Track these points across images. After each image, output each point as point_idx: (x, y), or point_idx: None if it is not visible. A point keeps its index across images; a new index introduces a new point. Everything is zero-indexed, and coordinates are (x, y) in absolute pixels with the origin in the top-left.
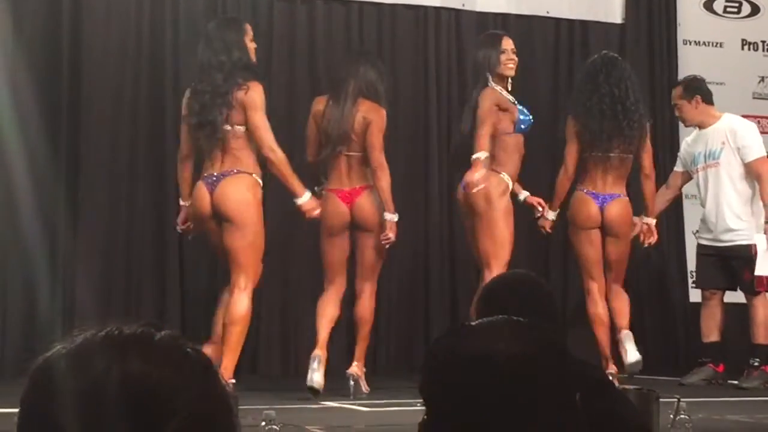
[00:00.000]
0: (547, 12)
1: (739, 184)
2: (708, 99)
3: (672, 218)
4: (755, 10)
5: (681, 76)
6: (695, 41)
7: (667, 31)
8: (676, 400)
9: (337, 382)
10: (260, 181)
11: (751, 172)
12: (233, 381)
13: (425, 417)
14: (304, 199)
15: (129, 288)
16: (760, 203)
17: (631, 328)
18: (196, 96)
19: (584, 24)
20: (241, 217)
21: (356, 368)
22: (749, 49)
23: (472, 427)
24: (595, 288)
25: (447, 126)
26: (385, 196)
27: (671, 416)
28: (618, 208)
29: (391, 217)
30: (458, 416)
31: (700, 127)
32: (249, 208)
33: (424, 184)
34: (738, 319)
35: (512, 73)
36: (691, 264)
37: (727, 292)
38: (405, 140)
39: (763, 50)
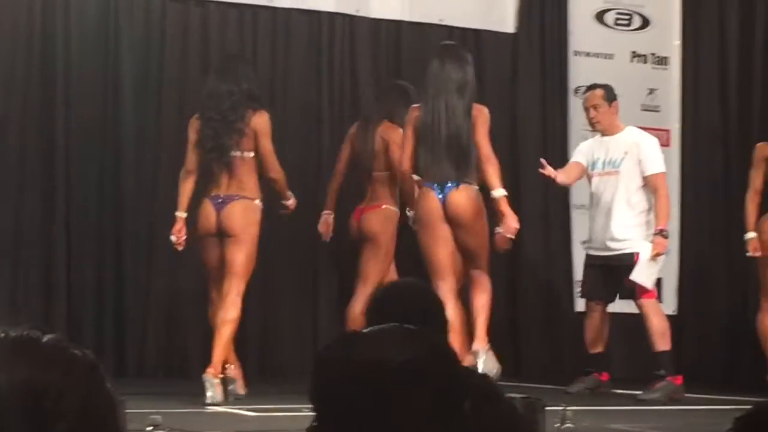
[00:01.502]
0: (441, 20)
1: (634, 196)
2: (616, 107)
3: (559, 228)
4: (645, 22)
5: (572, 86)
6: (586, 52)
7: (559, 42)
8: (562, 408)
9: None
10: (261, 204)
11: (649, 185)
12: (222, 375)
13: (314, 424)
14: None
15: (15, 286)
16: (652, 215)
17: (518, 337)
18: (208, 123)
19: (477, 32)
20: (244, 235)
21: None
22: (639, 61)
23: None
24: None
25: (339, 131)
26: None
27: (557, 425)
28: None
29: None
30: (349, 423)
31: (604, 133)
32: (251, 228)
33: (314, 188)
34: (620, 328)
35: None
36: (578, 274)
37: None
38: (296, 144)
39: (653, 62)
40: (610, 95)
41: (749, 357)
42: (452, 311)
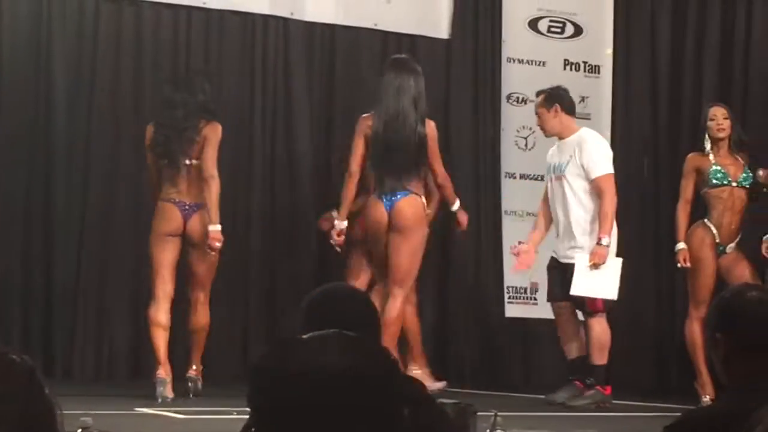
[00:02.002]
0: (375, 24)
1: (584, 199)
2: (568, 109)
3: (491, 234)
4: (578, 31)
5: (504, 92)
6: (519, 59)
7: (492, 48)
8: (492, 414)
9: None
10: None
11: (594, 189)
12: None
13: (252, 429)
14: (218, 227)
15: None
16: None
17: (447, 342)
18: (160, 129)
19: (411, 38)
20: (200, 240)
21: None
22: (571, 69)
23: None
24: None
25: (271, 134)
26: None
27: (488, 430)
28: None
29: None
30: (287, 428)
31: (560, 137)
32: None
33: (246, 190)
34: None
35: None
36: (508, 279)
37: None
38: (229, 146)
39: (585, 71)
40: (549, 100)
41: (678, 364)
42: (410, 316)
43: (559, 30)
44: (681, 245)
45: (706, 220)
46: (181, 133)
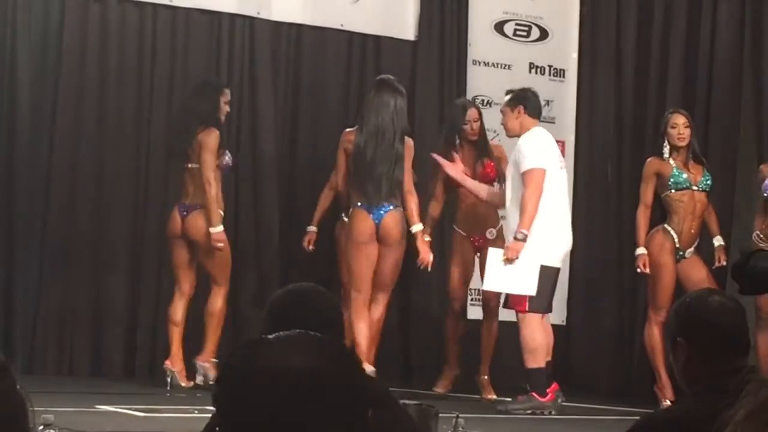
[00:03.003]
0: (341, 25)
1: (520, 198)
2: (532, 112)
3: (437, 237)
4: (544, 34)
5: (469, 95)
6: (485, 62)
7: (458, 51)
8: (454, 416)
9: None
10: (222, 213)
11: (523, 183)
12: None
13: (217, 429)
14: (218, 229)
15: None
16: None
17: (409, 346)
18: (175, 134)
19: (377, 39)
20: (209, 242)
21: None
22: (536, 72)
23: None
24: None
25: (236, 133)
26: None
27: None
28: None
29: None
30: (253, 428)
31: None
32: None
33: None
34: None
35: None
36: (471, 281)
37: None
38: None
39: (550, 74)
40: (514, 101)
41: (638, 368)
42: (363, 321)
43: (524, 33)
44: (641, 250)
45: (666, 225)
46: (181, 138)
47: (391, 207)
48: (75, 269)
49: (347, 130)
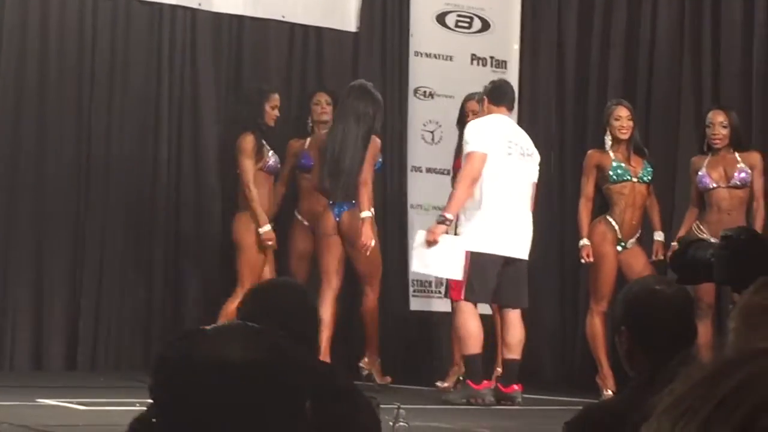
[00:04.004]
0: (283, 16)
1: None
2: (497, 101)
3: (396, 227)
4: (486, 26)
5: (411, 86)
6: (426, 53)
7: (400, 42)
8: (396, 407)
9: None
10: (247, 213)
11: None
12: None
13: (153, 420)
14: (265, 229)
15: None
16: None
17: (353, 338)
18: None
19: (319, 30)
20: (238, 243)
21: None
22: (478, 63)
23: (202, 430)
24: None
25: (178, 125)
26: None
27: (391, 423)
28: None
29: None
30: (189, 421)
31: None
32: (245, 236)
33: (152, 181)
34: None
35: None
36: (413, 272)
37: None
38: (135, 137)
39: (492, 65)
40: (480, 95)
41: (580, 358)
42: (328, 311)
43: (466, 25)
44: (584, 241)
45: (607, 216)
46: (229, 144)
47: (351, 206)
48: (15, 262)
49: (291, 141)
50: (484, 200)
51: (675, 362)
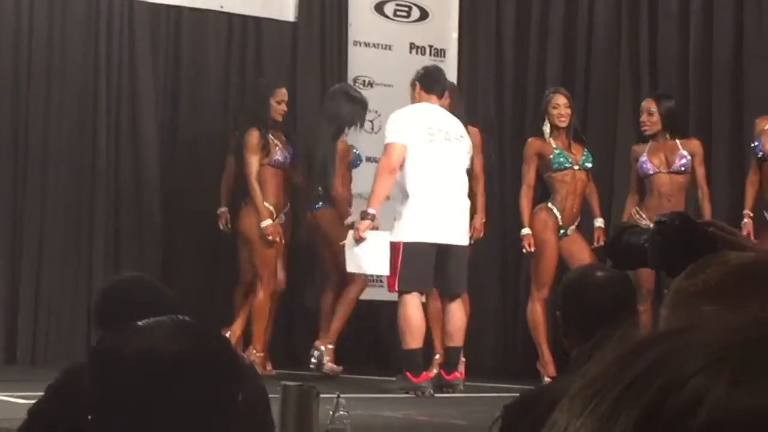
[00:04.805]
0: (221, 6)
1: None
2: (428, 88)
3: None
4: (424, 14)
5: (350, 76)
6: (365, 42)
7: (339, 31)
8: (335, 396)
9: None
10: (269, 208)
11: None
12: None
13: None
14: (266, 223)
15: None
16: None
17: (300, 326)
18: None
19: (257, 20)
20: (246, 237)
21: None
22: (417, 52)
23: (134, 422)
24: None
25: (116, 116)
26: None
27: (330, 412)
28: None
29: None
30: (124, 413)
31: None
32: (251, 230)
33: (91, 169)
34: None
35: None
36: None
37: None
38: (72, 129)
39: (431, 54)
40: (413, 80)
41: (521, 345)
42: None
43: (405, 14)
44: (526, 230)
45: (549, 204)
46: (237, 139)
47: (323, 205)
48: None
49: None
50: (410, 190)
51: (590, 344)
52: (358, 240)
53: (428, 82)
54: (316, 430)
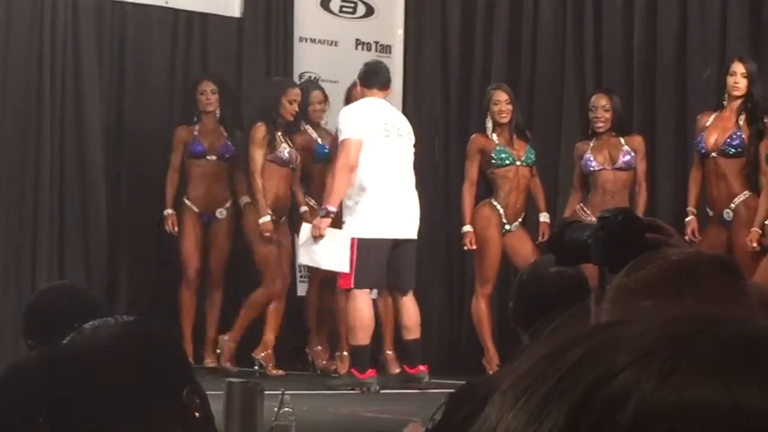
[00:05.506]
0: (166, 2)
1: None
2: (368, 83)
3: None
4: (370, 11)
5: (296, 72)
6: (311, 38)
7: (284, 28)
8: (280, 393)
9: None
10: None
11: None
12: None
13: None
14: (264, 219)
15: None
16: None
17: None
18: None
19: (203, 16)
20: (249, 234)
21: None
22: (363, 49)
23: (84, 420)
24: None
25: (61, 112)
26: None
27: (275, 409)
28: None
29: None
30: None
31: None
32: (254, 228)
33: (35, 163)
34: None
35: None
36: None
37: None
38: (16, 127)
39: (376, 50)
40: (358, 76)
41: (466, 341)
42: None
43: (350, 10)
44: (467, 228)
45: (492, 200)
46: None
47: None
48: None
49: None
50: (366, 185)
51: (526, 338)
52: (317, 237)
53: (368, 78)
54: (260, 427)
